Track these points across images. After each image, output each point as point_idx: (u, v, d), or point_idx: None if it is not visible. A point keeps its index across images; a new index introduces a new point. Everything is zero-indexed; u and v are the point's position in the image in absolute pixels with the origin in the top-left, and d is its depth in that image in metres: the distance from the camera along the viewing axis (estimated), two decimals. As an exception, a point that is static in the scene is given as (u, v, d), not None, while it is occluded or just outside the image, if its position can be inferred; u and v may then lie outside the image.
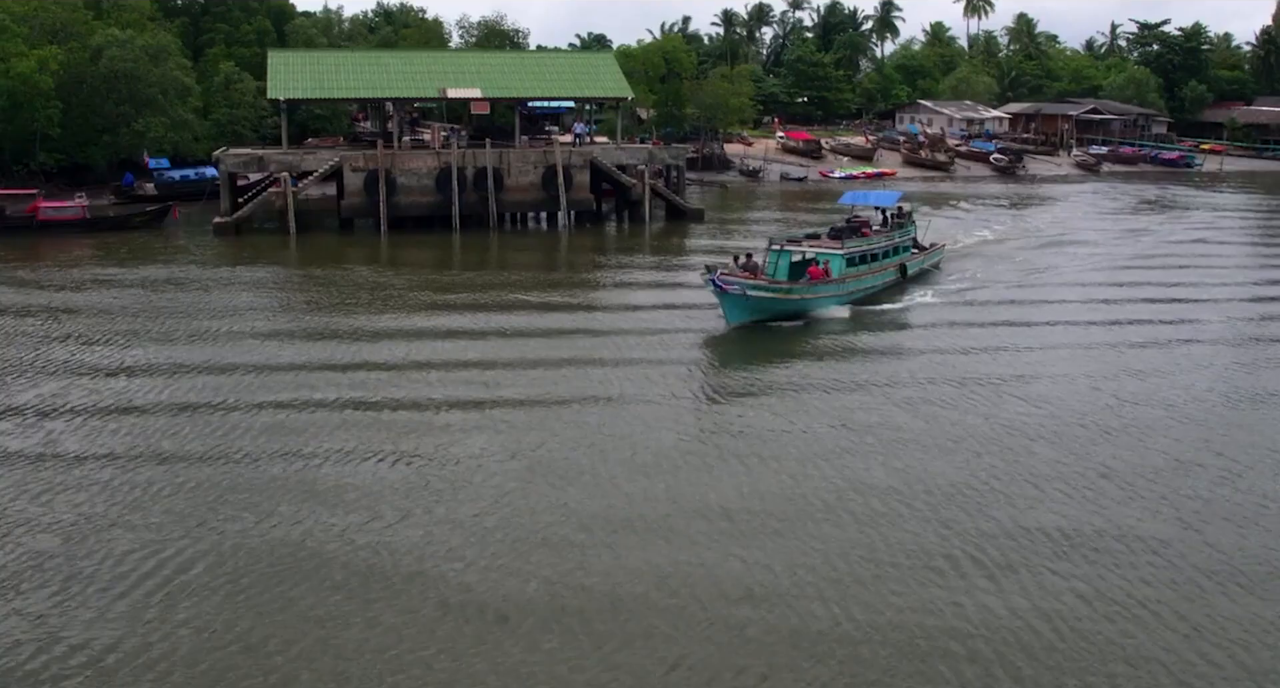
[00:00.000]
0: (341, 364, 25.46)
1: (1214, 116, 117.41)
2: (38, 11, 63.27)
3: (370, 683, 12.10)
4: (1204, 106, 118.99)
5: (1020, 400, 23.00)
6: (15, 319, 30.13)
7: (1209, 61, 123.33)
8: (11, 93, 56.90)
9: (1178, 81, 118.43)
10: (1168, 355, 27.29)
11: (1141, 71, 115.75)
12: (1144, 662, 12.68)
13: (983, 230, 49.15)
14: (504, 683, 12.11)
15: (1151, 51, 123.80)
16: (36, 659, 12.49)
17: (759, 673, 12.37)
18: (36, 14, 63.01)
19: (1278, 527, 16.65)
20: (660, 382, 24.21)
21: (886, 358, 27.03)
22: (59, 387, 23.36)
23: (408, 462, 19.04)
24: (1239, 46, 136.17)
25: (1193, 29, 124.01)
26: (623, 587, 14.38)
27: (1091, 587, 14.48)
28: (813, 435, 20.63)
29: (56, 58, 58.95)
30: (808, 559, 15.25)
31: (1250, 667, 12.57)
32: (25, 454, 19.20)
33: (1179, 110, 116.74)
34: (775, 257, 32.34)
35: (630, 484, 18.04)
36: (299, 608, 13.75)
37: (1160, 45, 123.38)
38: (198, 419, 21.24)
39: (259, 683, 12.09)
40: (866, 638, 13.15)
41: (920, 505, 17.22)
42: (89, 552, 15.29)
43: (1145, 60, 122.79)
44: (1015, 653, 12.83)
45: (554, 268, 41.94)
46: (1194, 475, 18.80)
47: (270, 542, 15.68)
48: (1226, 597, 14.32)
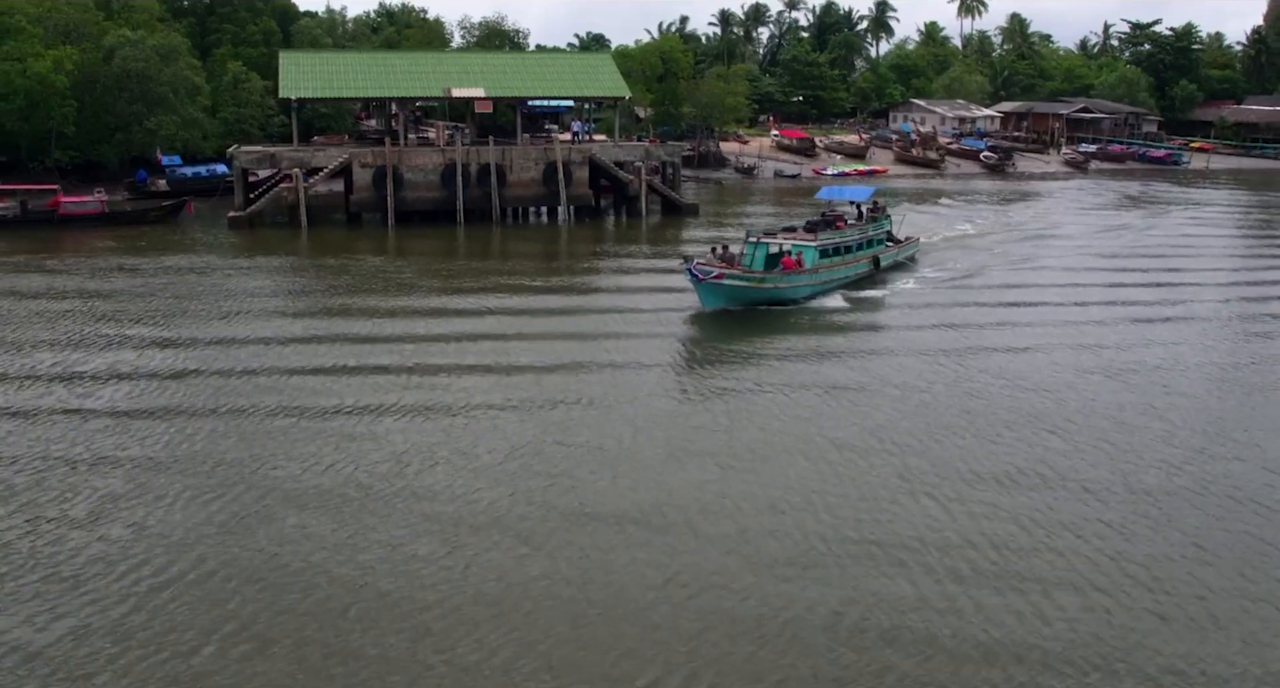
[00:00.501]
0: (360, 337, 28.05)
1: (1204, 115, 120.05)
2: (51, 12, 65.61)
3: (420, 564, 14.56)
4: (1194, 105, 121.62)
5: (982, 372, 25.48)
6: (52, 302, 32.56)
7: (1199, 61, 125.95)
8: (29, 92, 59.13)
9: (1168, 81, 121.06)
10: (1119, 334, 29.80)
11: (1132, 71, 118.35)
12: (1043, 552, 15.14)
13: (965, 224, 51.74)
14: (521, 566, 14.54)
15: (1143, 51, 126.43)
16: (153, 552, 14.97)
17: (739, 566, 14.80)
18: (50, 15, 65.33)
19: (1195, 472, 19.13)
20: (649, 352, 27.00)
21: (858, 337, 29.58)
22: (114, 358, 25.86)
23: (431, 418, 21.53)
24: (1230, 46, 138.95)
25: (1184, 29, 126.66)
26: (630, 508, 16.84)
27: (1019, 508, 16.95)
28: (781, 392, 23.13)
29: (71, 58, 61.20)
30: (786, 481, 17.72)
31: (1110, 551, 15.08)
32: (95, 411, 21.67)
33: (1170, 109, 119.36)
34: (752, 248, 34.44)
35: (625, 431, 20.52)
36: (351, 522, 16.19)
37: (1152, 45, 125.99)
38: (238, 383, 23.79)
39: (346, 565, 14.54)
40: (820, 537, 15.61)
41: (884, 449, 19.70)
42: (169, 476, 17.75)
43: (1137, 60, 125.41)
44: (955, 554, 15.28)
45: (554, 257, 44.50)
46: (1135, 434, 21.26)
47: (321, 479, 18.13)
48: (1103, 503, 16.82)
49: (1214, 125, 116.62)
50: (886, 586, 14.74)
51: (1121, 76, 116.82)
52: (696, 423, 21.63)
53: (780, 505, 17.37)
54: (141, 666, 12.64)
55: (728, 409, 22.47)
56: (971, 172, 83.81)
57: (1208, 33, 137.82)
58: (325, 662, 12.74)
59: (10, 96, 58.58)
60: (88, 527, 16.34)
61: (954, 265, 40.53)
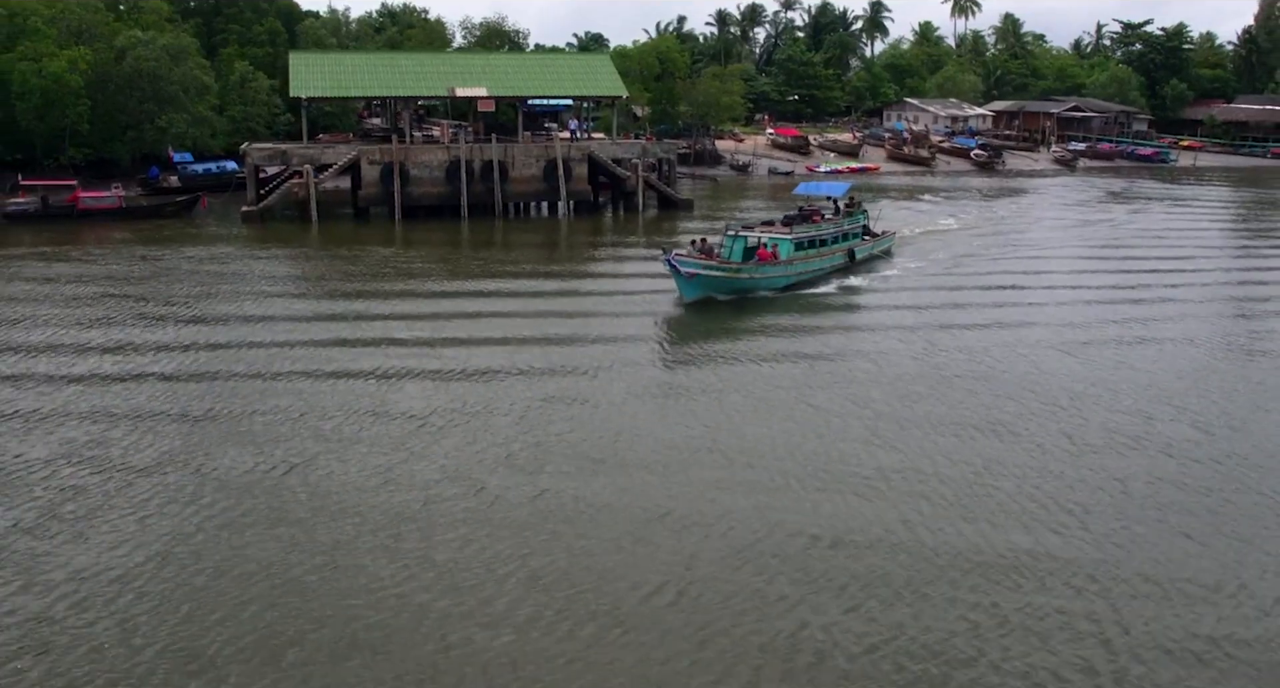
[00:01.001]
0: (378, 314, 30.60)
1: (1194, 114, 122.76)
2: (63, 13, 68.00)
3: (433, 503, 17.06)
4: (1185, 104, 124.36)
5: (947, 349, 28.00)
6: (86, 287, 35.05)
7: (1190, 61, 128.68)
8: (44, 91, 61.44)
9: (1159, 80, 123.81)
10: (1077, 316, 32.35)
11: (1123, 70, 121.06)
12: (987, 484, 17.66)
13: (948, 219, 54.32)
14: (529, 501, 17.03)
15: (1134, 51, 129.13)
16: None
17: (723, 496, 17.30)
18: (62, 16, 67.72)
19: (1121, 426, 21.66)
20: (641, 329, 29.80)
21: (832, 318, 32.17)
22: (156, 333, 28.38)
23: (445, 379, 24.06)
24: (1222, 46, 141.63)
25: (1175, 29, 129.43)
26: (633, 460, 19.36)
27: (959, 451, 19.48)
28: (757, 362, 25.66)
29: (85, 58, 63.58)
30: (769, 428, 20.22)
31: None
32: (148, 374, 24.18)
33: (1160, 108, 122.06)
34: (731, 241, 36.50)
35: (618, 391, 23.04)
36: (376, 474, 18.68)
37: (1143, 45, 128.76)
38: (272, 352, 26.36)
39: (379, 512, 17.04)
40: (790, 473, 18.12)
41: (861, 413, 22.22)
42: (207, 431, 20.27)
43: (1128, 59, 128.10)
44: (905, 484, 17.80)
45: (555, 248, 47.11)
46: (1082, 399, 23.79)
47: (359, 429, 20.63)
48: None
49: (1204, 124, 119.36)
50: (847, 505, 17.26)
51: (1113, 76, 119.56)
52: (682, 384, 24.18)
53: (756, 448, 19.89)
54: (214, 583, 15.12)
55: (711, 375, 25.00)
56: (962, 169, 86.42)
57: (1199, 33, 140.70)
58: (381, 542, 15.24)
59: (27, 96, 60.94)
60: (156, 472, 18.82)
61: (930, 257, 43.00)
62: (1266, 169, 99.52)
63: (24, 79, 60.70)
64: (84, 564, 15.30)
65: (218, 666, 12.79)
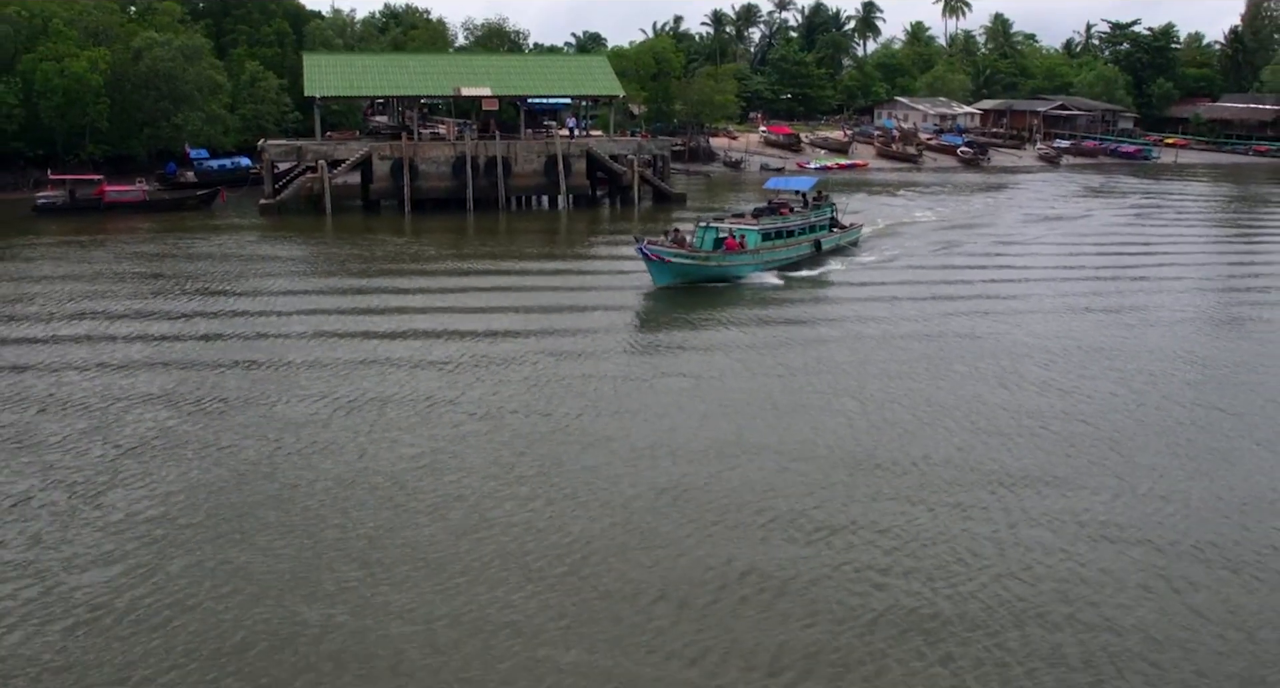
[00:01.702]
0: (400, 288, 34.27)
1: (1180, 112, 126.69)
2: (81, 15, 71.60)
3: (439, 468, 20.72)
4: (1171, 103, 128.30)
5: (902, 323, 31.74)
6: (124, 271, 38.71)
7: (1177, 60, 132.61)
8: (66, 90, 65.09)
9: (1146, 79, 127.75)
10: (1029, 293, 36.09)
11: (1111, 70, 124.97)
12: (937, 429, 21.37)
13: (925, 212, 58.13)
14: (528, 462, 20.68)
15: (1122, 51, 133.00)
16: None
17: (701, 471, 20.97)
18: (80, 17, 71.32)
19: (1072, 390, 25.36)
20: (631, 303, 33.76)
21: (800, 301, 35.78)
22: (195, 307, 32.04)
23: (454, 345, 27.75)
24: (1210, 45, 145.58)
25: (1162, 29, 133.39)
26: (632, 426, 23.05)
27: (917, 402, 23.18)
28: (731, 327, 29.38)
29: (104, 58, 67.21)
30: (749, 383, 23.89)
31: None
32: (190, 335, 27.90)
33: (1147, 106, 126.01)
34: (702, 232, 39.10)
35: (612, 353, 26.78)
36: (383, 438, 22.35)
37: (1131, 45, 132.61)
38: (291, 330, 29.96)
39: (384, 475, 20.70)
40: (768, 446, 21.81)
41: (824, 374, 25.94)
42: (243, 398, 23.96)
43: (1116, 59, 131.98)
44: (873, 441, 21.48)
45: (555, 238, 50.92)
46: (1021, 361, 27.50)
47: (382, 391, 24.33)
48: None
49: (1189, 122, 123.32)
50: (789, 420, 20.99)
51: (1100, 75, 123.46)
52: (670, 344, 27.91)
53: (727, 410, 23.61)
54: (251, 516, 18.78)
55: (690, 336, 28.73)
56: (948, 165, 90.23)
57: (1188, 33, 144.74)
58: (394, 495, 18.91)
59: (49, 94, 64.56)
60: (239, 409, 22.49)
61: (897, 247, 46.57)
62: (1246, 165, 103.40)
63: (47, 78, 64.36)
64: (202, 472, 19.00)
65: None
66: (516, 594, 14.73)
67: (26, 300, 33.85)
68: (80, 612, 14.14)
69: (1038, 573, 15.51)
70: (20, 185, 66.55)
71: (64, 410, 22.54)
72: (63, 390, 23.98)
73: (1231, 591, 15.10)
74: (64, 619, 13.94)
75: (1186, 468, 19.96)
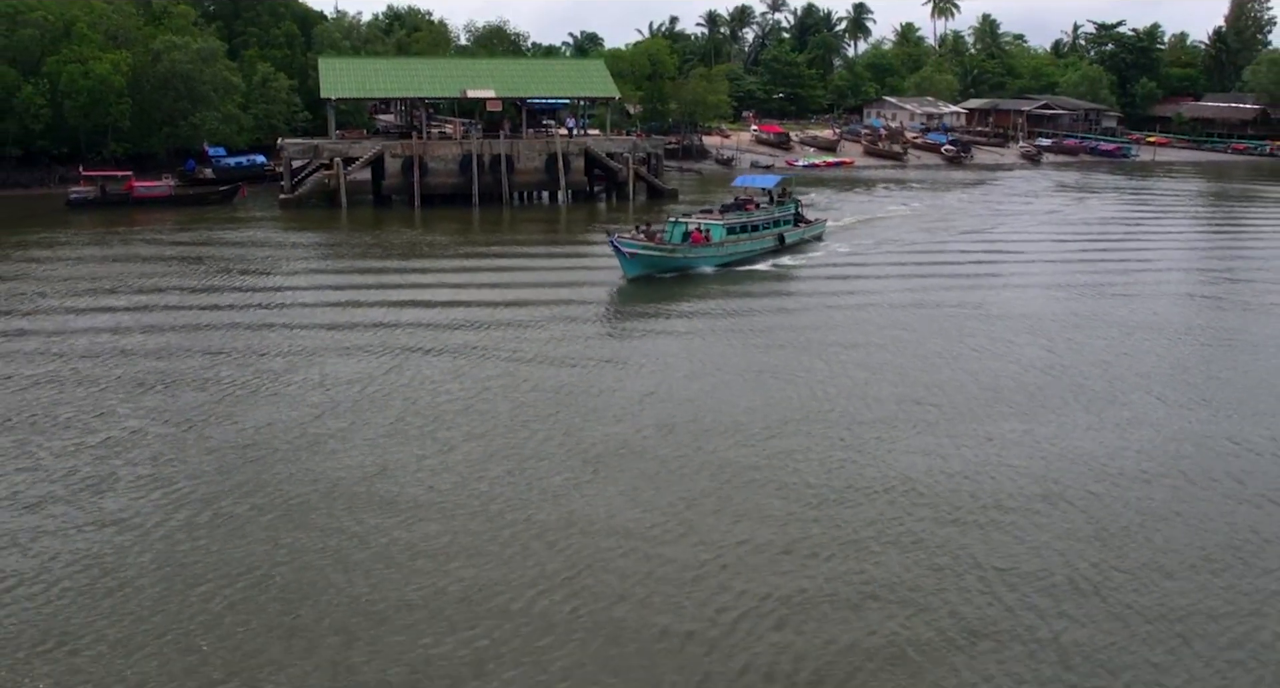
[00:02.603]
0: (408, 268, 39.08)
1: (1164, 111, 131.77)
2: (102, 18, 76.16)
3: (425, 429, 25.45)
4: (1154, 102, 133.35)
5: (862, 304, 36.58)
6: (164, 256, 43.48)
7: (1160, 60, 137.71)
8: (90, 91, 69.68)
9: (1130, 79, 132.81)
10: (981, 275, 40.97)
11: (1095, 70, 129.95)
12: (879, 384, 26.14)
13: (900, 206, 63.08)
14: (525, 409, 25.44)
15: (1107, 51, 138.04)
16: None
17: (662, 429, 25.73)
18: (101, 20, 75.88)
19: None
20: (607, 281, 38.68)
21: (766, 287, 40.58)
22: (235, 286, 36.86)
23: (463, 318, 32.56)
24: (1195, 45, 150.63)
25: (1147, 30, 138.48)
26: (625, 396, 27.83)
27: (870, 361, 27.97)
28: (706, 299, 34.24)
29: (126, 61, 71.83)
30: (711, 350, 28.67)
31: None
32: (231, 305, 32.71)
33: (1130, 105, 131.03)
34: (672, 226, 42.35)
35: (602, 319, 31.60)
36: (388, 399, 27.10)
37: (1115, 45, 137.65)
38: (314, 307, 34.79)
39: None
40: (737, 416, 26.57)
41: (785, 345, 30.78)
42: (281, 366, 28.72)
43: (1101, 59, 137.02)
44: (829, 405, 26.24)
45: (555, 231, 55.83)
46: (965, 321, 32.32)
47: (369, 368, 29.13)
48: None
49: (1173, 121, 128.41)
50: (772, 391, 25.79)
51: (1084, 75, 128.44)
52: (644, 314, 32.79)
53: (693, 372, 28.45)
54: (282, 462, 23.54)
55: (661, 308, 33.60)
56: (932, 163, 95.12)
57: (1173, 33, 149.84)
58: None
59: (74, 95, 69.16)
60: (286, 373, 27.26)
61: (860, 240, 50.36)
62: (1223, 163, 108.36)
63: (72, 80, 68.97)
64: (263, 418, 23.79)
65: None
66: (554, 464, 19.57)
67: (91, 279, 38.75)
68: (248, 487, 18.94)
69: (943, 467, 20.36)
70: (47, 182, 71.36)
71: (164, 358, 27.34)
72: (154, 340, 28.82)
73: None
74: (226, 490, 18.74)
75: (1077, 407, 24.88)
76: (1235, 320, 34.54)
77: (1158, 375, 27.56)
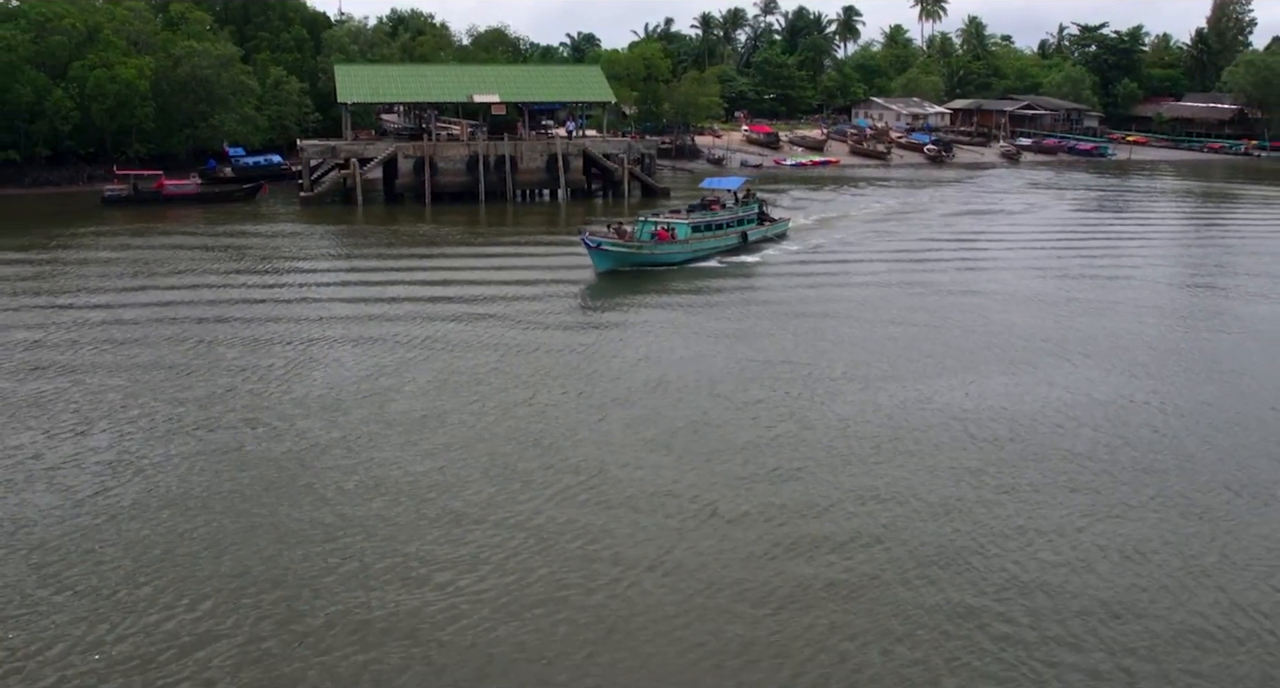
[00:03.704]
0: (428, 255, 44.97)
1: (1144, 111, 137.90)
2: (125, 24, 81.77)
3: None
4: (1135, 102, 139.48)
5: (815, 291, 42.47)
6: (205, 246, 49.27)
7: (1142, 61, 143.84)
8: (116, 95, 75.34)
9: (1112, 79, 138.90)
10: (933, 264, 46.88)
11: (1078, 71, 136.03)
12: (836, 357, 31.94)
13: (876, 204, 68.99)
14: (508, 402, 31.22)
15: (1090, 52, 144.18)
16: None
17: (638, 410, 31.52)
18: (124, 26, 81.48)
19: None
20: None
21: (730, 279, 46.27)
22: (273, 271, 42.67)
23: (471, 297, 38.40)
24: (1178, 46, 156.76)
25: (1130, 32, 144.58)
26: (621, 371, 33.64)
27: (833, 335, 33.79)
28: (674, 283, 40.09)
29: (149, 66, 77.49)
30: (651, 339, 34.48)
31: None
32: (266, 286, 38.51)
33: (1112, 106, 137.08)
34: (641, 225, 46.56)
35: (566, 293, 37.48)
36: (393, 374, 32.91)
37: (1098, 46, 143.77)
38: (338, 289, 40.66)
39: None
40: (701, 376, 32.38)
41: (751, 330, 36.63)
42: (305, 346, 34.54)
43: (1084, 60, 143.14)
44: (793, 372, 32.06)
45: (554, 225, 61.69)
46: (912, 295, 38.17)
47: (415, 333, 34.93)
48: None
49: (1153, 120, 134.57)
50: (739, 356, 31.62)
51: (1067, 76, 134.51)
52: (628, 293, 38.71)
53: (651, 351, 34.32)
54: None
55: (637, 293, 39.50)
56: (914, 162, 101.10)
57: (1157, 34, 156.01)
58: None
59: (101, 98, 74.80)
60: (344, 340, 33.07)
61: (821, 237, 54.99)
62: (1197, 162, 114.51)
63: (99, 84, 74.61)
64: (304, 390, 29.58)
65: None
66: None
67: (147, 263, 44.67)
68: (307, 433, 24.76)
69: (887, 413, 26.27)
70: (76, 180, 77.15)
71: (231, 324, 33.21)
72: (215, 310, 34.71)
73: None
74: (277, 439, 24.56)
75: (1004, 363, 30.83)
76: (1145, 295, 40.56)
77: (1069, 344, 33.51)
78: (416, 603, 16.79)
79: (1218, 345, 33.73)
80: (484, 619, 16.35)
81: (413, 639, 15.77)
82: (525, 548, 18.75)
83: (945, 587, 17.37)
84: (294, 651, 15.43)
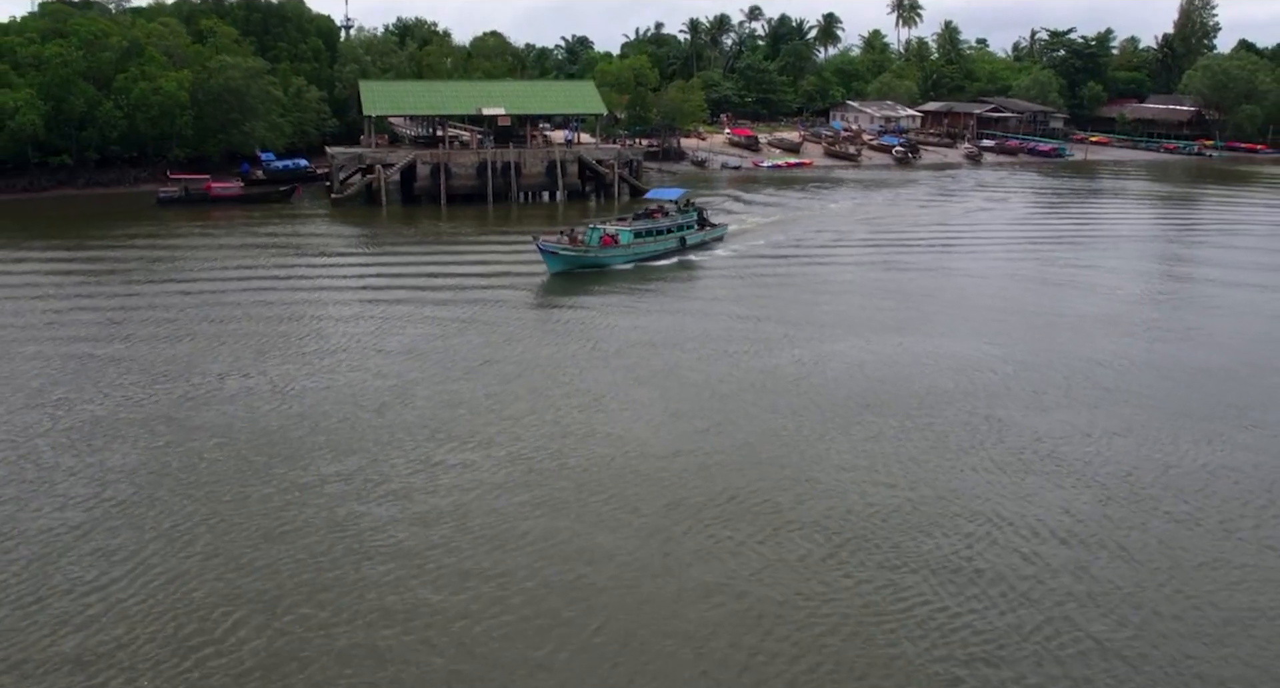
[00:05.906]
0: (449, 245, 57.00)
1: (1109, 113, 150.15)
2: (161, 39, 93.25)
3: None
4: (1100, 104, 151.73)
5: (774, 285, 54.41)
6: (258, 241, 61.08)
7: (1107, 64, 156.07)
8: (160, 105, 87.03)
9: (1079, 82, 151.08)
10: (870, 256, 58.79)
11: (1046, 74, 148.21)
12: (788, 342, 43.90)
13: (832, 204, 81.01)
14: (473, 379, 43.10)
15: (1058, 56, 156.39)
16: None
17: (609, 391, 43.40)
18: (161, 40, 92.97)
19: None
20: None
21: (672, 276, 58.28)
22: (320, 259, 54.57)
23: (481, 281, 50.29)
24: (1147, 48, 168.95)
25: (1098, 36, 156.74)
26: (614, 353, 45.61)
27: (802, 322, 45.70)
28: (611, 288, 51.98)
29: (187, 78, 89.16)
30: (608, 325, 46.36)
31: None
32: (305, 276, 50.38)
33: (1078, 107, 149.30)
34: (590, 231, 54.15)
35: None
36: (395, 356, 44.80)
37: (1066, 51, 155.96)
38: (361, 277, 52.43)
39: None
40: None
41: (708, 316, 48.55)
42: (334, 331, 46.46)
43: (1052, 64, 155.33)
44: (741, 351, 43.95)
45: (553, 222, 73.57)
46: (846, 283, 50.08)
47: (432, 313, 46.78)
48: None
49: (1116, 121, 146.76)
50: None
51: (1035, 79, 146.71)
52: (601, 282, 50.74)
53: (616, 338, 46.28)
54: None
55: (596, 284, 51.44)
56: (883, 163, 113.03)
57: (1125, 37, 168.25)
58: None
59: (146, 108, 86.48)
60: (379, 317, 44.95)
61: (759, 239, 65.21)
62: (1151, 161, 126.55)
63: (143, 96, 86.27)
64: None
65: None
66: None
67: (222, 254, 56.67)
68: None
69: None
70: (122, 181, 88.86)
71: (292, 305, 45.16)
72: (282, 294, 46.66)
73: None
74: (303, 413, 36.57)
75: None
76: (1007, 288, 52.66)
77: (957, 314, 45.62)
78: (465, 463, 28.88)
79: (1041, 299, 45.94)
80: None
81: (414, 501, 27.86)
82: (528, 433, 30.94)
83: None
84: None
